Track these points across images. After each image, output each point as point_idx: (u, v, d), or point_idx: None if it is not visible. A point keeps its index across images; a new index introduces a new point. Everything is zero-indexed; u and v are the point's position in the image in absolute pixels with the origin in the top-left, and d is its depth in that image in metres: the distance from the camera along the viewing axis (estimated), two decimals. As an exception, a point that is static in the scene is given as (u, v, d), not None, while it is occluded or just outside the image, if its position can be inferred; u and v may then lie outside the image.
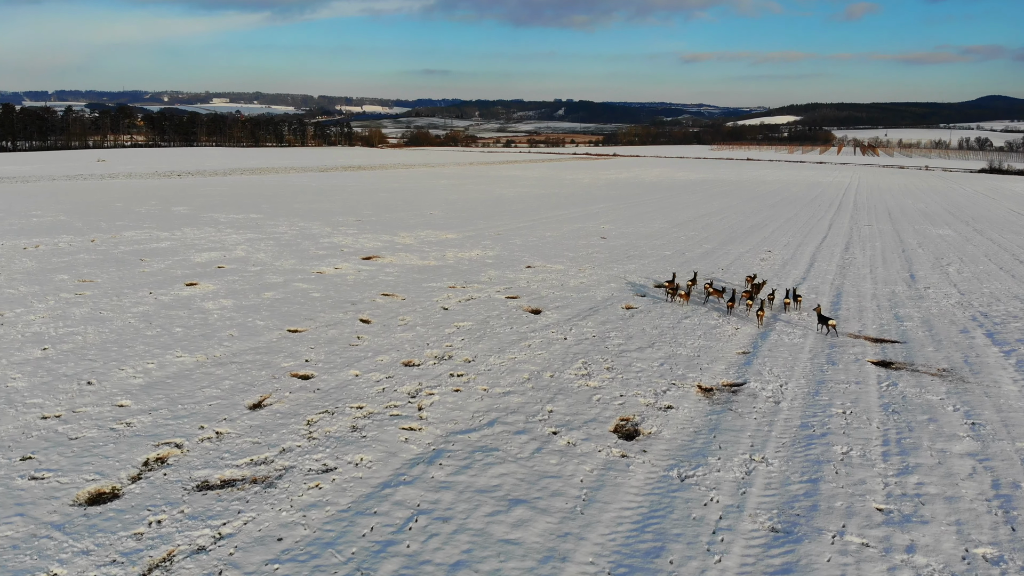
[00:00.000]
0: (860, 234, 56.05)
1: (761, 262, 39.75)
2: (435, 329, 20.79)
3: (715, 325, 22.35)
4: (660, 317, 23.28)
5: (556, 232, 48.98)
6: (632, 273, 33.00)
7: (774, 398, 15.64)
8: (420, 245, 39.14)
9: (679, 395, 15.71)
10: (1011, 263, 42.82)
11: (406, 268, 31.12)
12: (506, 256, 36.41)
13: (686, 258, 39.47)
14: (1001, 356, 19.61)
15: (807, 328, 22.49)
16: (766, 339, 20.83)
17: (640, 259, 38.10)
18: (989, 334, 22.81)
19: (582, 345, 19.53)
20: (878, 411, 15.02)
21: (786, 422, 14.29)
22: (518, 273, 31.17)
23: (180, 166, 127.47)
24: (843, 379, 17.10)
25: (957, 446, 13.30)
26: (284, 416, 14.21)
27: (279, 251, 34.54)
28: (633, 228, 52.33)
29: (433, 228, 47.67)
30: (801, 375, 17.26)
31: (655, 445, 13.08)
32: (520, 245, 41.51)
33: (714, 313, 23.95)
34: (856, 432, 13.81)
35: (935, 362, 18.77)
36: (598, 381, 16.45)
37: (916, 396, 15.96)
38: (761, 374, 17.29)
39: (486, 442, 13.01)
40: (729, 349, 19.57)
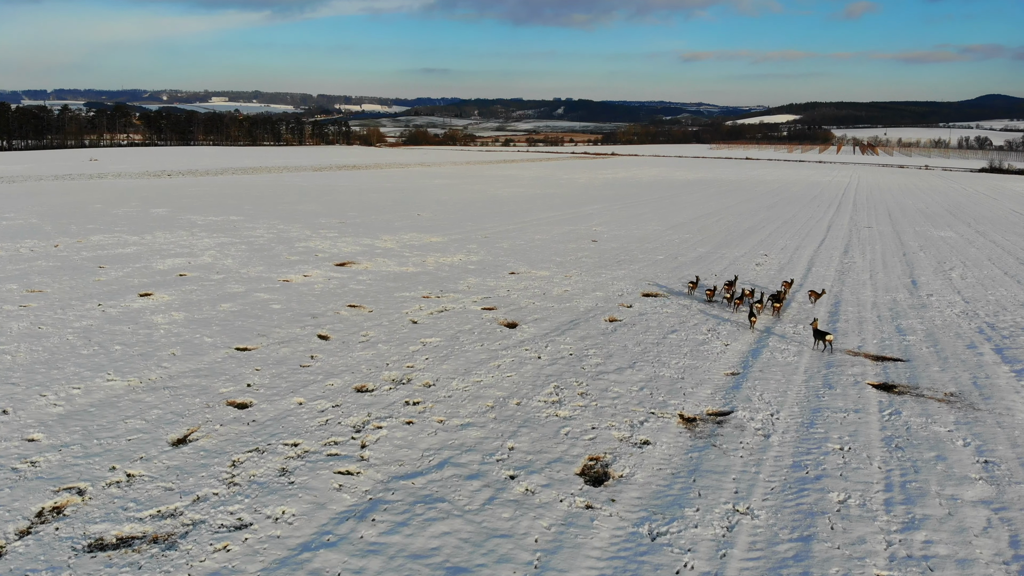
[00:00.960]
0: (860, 236, 54.38)
1: (757, 267, 38.13)
2: (398, 346, 19.08)
3: (703, 341, 20.65)
4: (645, 331, 21.58)
5: (546, 235, 47.32)
6: (620, 280, 31.33)
7: (764, 430, 13.94)
8: (401, 249, 37.45)
9: (658, 427, 14.01)
10: (1015, 267, 41.15)
11: (381, 275, 29.42)
12: (490, 261, 34.73)
13: (679, 262, 37.81)
14: (1013, 377, 17.92)
15: (802, 344, 20.80)
16: (758, 357, 19.13)
17: (631, 264, 36.44)
18: (998, 350, 21.13)
19: (557, 365, 17.83)
20: (880, 447, 13.32)
21: (776, 461, 12.59)
22: (500, 280, 29.49)
23: (172, 166, 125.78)
24: (841, 406, 15.40)
25: (969, 491, 11.60)
26: (208, 455, 12.52)
27: (249, 257, 32.83)
28: (626, 230, 50.66)
29: (419, 231, 45.99)
30: (795, 401, 15.56)
31: (626, 492, 11.38)
32: (507, 249, 39.85)
33: (703, 327, 22.24)
34: (855, 474, 12.11)
35: (941, 385, 17.07)
36: (569, 410, 14.75)
37: (922, 427, 14.26)
38: (751, 400, 15.58)
39: (432, 490, 11.31)
40: (717, 370, 17.87)
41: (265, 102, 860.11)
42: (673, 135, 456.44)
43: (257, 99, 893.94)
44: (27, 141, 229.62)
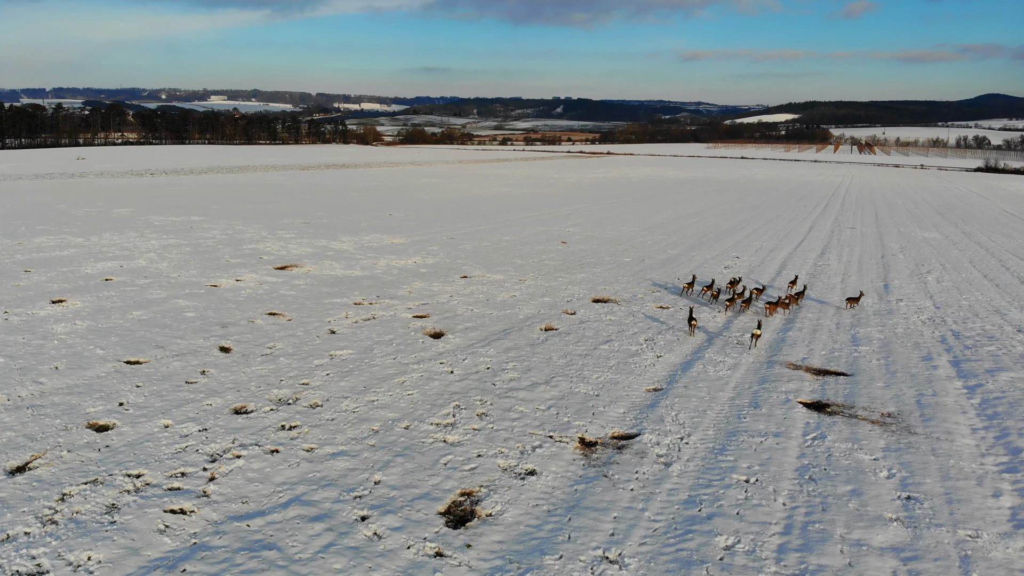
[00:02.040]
0: (841, 237, 53.01)
1: (725, 270, 36.80)
2: (302, 360, 17.70)
3: (635, 352, 19.26)
4: (577, 341, 20.21)
5: (516, 236, 45.97)
6: (577, 284, 30.00)
7: (667, 457, 12.56)
8: (356, 251, 36.10)
9: (551, 453, 12.63)
10: (996, 270, 39.78)
11: (319, 280, 28.06)
12: (445, 264, 33.39)
13: (645, 265, 36.47)
14: (963, 394, 16.54)
15: (742, 354, 19.41)
16: (688, 370, 17.76)
17: (594, 267, 35.10)
18: (955, 362, 19.76)
19: (467, 381, 16.45)
20: (791, 478, 11.94)
21: (669, 495, 11.21)
22: (447, 285, 28.13)
23: (159, 164, 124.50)
24: (761, 429, 14.01)
25: (880, 535, 10.21)
26: (40, 486, 11.15)
27: (188, 259, 31.47)
28: (600, 231, 49.30)
29: (384, 232, 44.64)
30: (712, 423, 14.17)
31: (487, 535, 9.99)
32: (469, 251, 38.51)
33: (640, 337, 20.87)
34: (753, 512, 10.72)
35: (881, 403, 15.68)
36: (460, 434, 13.37)
37: (845, 455, 12.87)
38: (663, 421, 14.20)
39: (266, 534, 9.93)
40: (639, 385, 16.49)
41: (264, 101, 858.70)
42: (671, 134, 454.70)
43: (256, 98, 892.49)
44: (20, 140, 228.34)
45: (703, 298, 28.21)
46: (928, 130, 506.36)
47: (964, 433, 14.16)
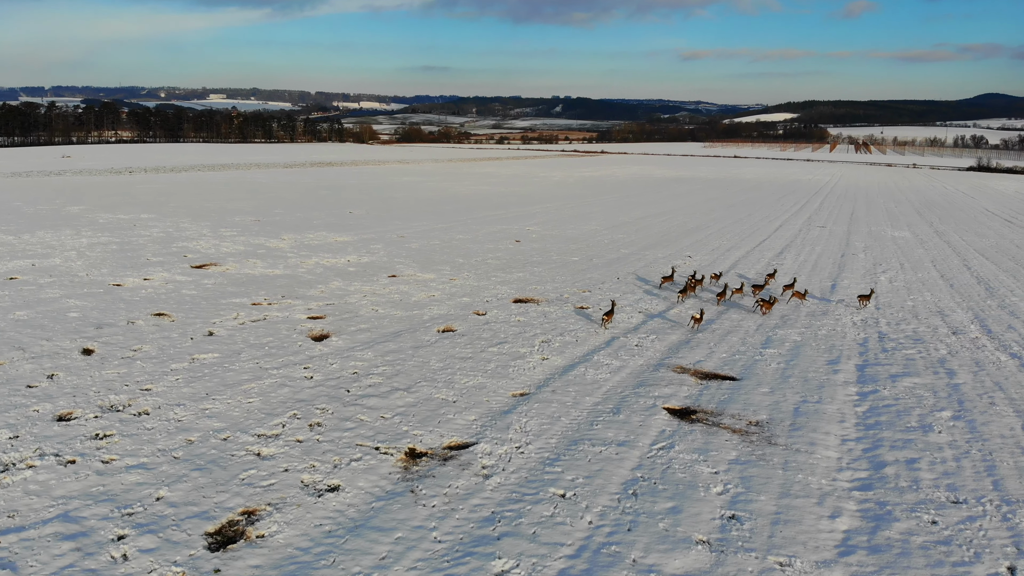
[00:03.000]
0: (807, 236, 52.10)
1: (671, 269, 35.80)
2: (160, 364, 16.86)
3: (522, 355, 18.42)
4: (468, 344, 19.36)
5: (471, 234, 45.13)
6: (507, 284, 29.20)
7: (491, 469, 11.71)
8: (290, 249, 35.29)
9: (367, 467, 11.77)
10: (956, 270, 38.89)
11: (231, 279, 27.22)
12: (378, 263, 32.56)
13: (591, 264, 35.64)
14: (852, 401, 15.67)
15: (634, 356, 18.53)
16: (567, 373, 16.94)
17: (536, 267, 34.27)
18: (863, 366, 18.89)
19: (321, 388, 15.60)
20: (614, 493, 11.07)
21: (471, 512, 10.35)
22: (367, 285, 27.29)
23: (144, 162, 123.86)
24: (609, 437, 13.14)
25: (677, 561, 9.35)
26: None
27: (106, 258, 30.66)
28: (560, 230, 48.41)
29: (333, 229, 43.81)
30: (560, 431, 13.31)
31: (245, 559, 9.15)
32: (414, 249, 37.71)
33: (538, 339, 20.02)
34: (551, 532, 9.86)
35: (754, 411, 14.79)
36: (279, 447, 12.51)
37: (684, 468, 11.99)
38: (509, 429, 13.34)
39: (10, 552, 9.22)
40: (506, 390, 15.64)
41: (263, 99, 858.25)
42: (669, 133, 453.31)
43: (255, 96, 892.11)
44: (13, 138, 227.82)
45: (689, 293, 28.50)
46: (926, 129, 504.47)
47: (830, 444, 13.28)
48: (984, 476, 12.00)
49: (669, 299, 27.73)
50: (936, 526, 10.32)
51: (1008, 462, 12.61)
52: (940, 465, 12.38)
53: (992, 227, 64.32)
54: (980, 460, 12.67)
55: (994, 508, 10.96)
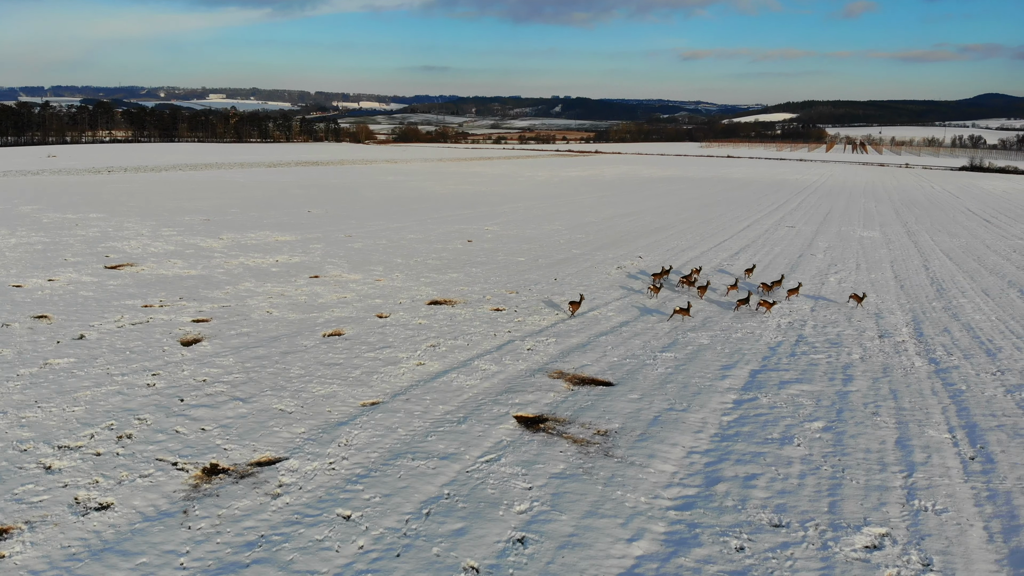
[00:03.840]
0: (772, 236, 51.18)
1: (617, 270, 35.00)
2: (8, 369, 16.16)
3: (394, 361, 17.52)
4: (349, 349, 18.50)
5: (424, 234, 44.28)
6: (432, 285, 28.44)
7: (287, 488, 10.85)
8: (221, 250, 34.49)
9: (153, 484, 10.92)
10: (913, 270, 38.05)
11: (139, 280, 26.40)
12: (306, 264, 31.72)
13: (535, 265, 34.85)
14: (720, 410, 14.78)
15: (519, 361, 17.63)
16: (434, 380, 16.08)
17: (476, 266, 33.49)
18: (756, 372, 17.99)
19: (158, 396, 14.75)
20: (405, 513, 10.18)
21: (234, 537, 9.52)
22: (278, 286, 26.44)
23: (128, 162, 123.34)
24: (438, 450, 12.24)
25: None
26: None
27: (22, 258, 29.89)
28: (520, 230, 47.54)
29: (279, 229, 42.97)
30: (389, 444, 12.43)
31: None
32: (354, 249, 36.89)
33: (424, 345, 19.15)
34: (306, 561, 9.05)
35: (610, 419, 13.88)
36: (72, 460, 11.69)
37: (499, 483, 11.11)
38: (333, 443, 12.46)
39: None
40: (358, 398, 14.75)
41: (263, 99, 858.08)
42: (666, 133, 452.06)
43: (255, 96, 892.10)
44: (7, 138, 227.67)
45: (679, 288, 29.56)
46: (924, 129, 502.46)
47: (672, 457, 12.36)
48: (823, 496, 11.07)
49: (599, 299, 26.91)
50: (741, 553, 9.40)
51: (858, 480, 11.69)
52: (780, 483, 11.46)
53: (968, 227, 63.36)
54: (828, 478, 11.74)
55: (816, 534, 10.04)
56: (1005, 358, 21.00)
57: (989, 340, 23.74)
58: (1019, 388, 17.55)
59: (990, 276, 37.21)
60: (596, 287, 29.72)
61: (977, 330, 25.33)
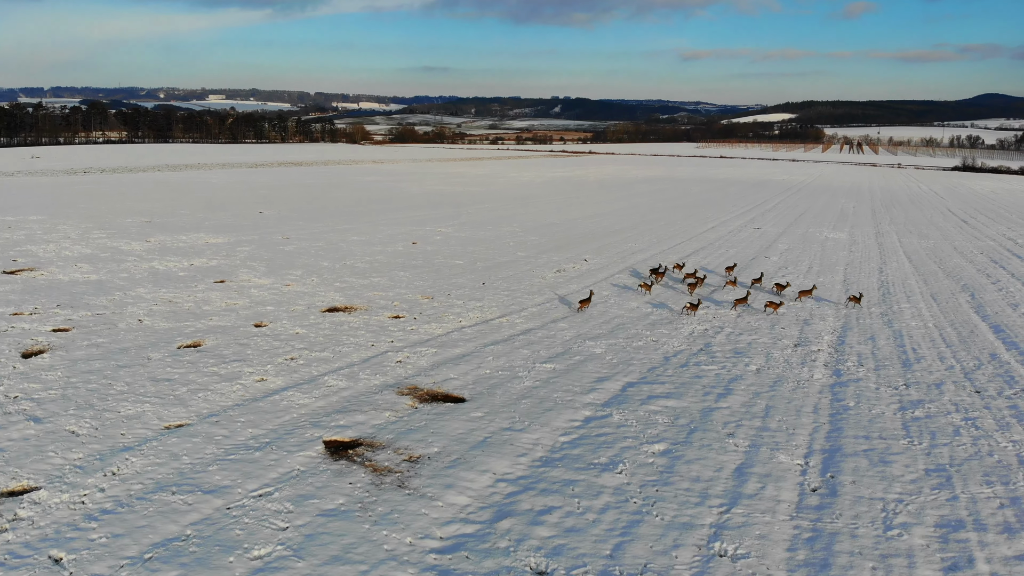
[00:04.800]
0: (735, 238, 49.91)
1: (555, 273, 33.83)
2: None
3: (244, 375, 16.24)
4: (196, 362, 17.31)
5: (368, 236, 43.10)
6: (349, 288, 27.54)
7: (20, 523, 9.64)
8: (140, 253, 33.37)
9: None
10: (866, 274, 37.03)
11: (25, 286, 25.37)
12: (219, 268, 30.54)
13: (474, 268, 33.88)
14: (563, 429, 13.52)
15: (378, 375, 16.35)
16: (266, 398, 14.72)
17: (407, 270, 32.48)
18: (631, 384, 16.76)
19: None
20: (124, 559, 8.84)
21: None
22: (172, 292, 25.27)
23: (109, 163, 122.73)
24: (212, 483, 10.99)
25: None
26: None
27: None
28: (474, 232, 46.34)
29: (216, 232, 41.79)
30: (164, 475, 11.24)
31: None
32: (283, 252, 35.76)
33: (285, 357, 17.85)
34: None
35: (431, 442, 12.60)
36: None
37: (255, 522, 9.85)
38: (98, 473, 11.18)
39: None
40: (167, 419, 13.50)
41: (262, 100, 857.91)
42: (664, 133, 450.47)
43: (255, 97, 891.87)
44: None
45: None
46: (923, 130, 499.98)
47: (473, 488, 11.08)
48: (613, 536, 9.77)
49: (517, 304, 25.68)
50: (479, 609, 8.08)
51: (664, 516, 10.37)
52: (573, 518, 10.15)
53: (943, 228, 62.04)
54: (630, 513, 10.44)
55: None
56: (920, 369, 19.71)
57: (914, 349, 22.46)
58: (917, 404, 16.25)
59: (945, 279, 35.92)
60: (523, 291, 28.52)
61: (906, 338, 24.05)
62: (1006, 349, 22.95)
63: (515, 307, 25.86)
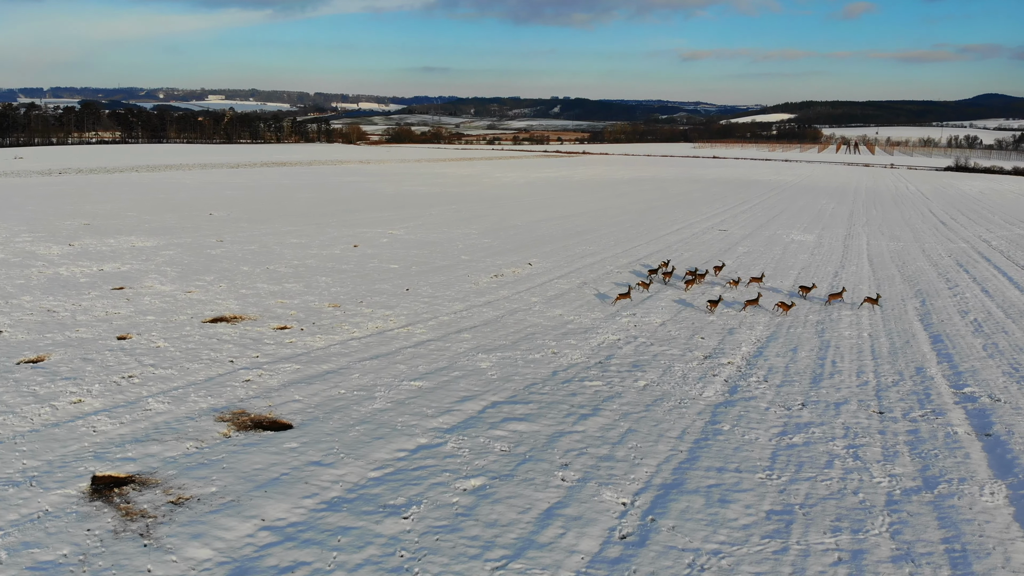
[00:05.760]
0: (696, 240, 48.47)
1: (492, 278, 32.44)
2: None
3: (58, 396, 14.65)
4: (23, 382, 15.80)
5: (309, 239, 41.80)
6: (253, 296, 26.17)
7: None
8: (55, 257, 32.25)
9: None
10: (820, 279, 35.59)
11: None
12: (128, 273, 29.23)
13: (408, 272, 32.98)
14: (376, 464, 12.04)
15: (218, 396, 14.83)
16: (63, 425, 13.19)
17: (330, 275, 31.16)
18: (492, 405, 15.20)
19: None
20: None
21: None
22: (59, 300, 23.95)
23: (90, 163, 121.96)
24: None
25: None
26: None
27: None
28: (425, 234, 44.98)
29: (151, 235, 40.47)
30: None
31: None
32: (208, 256, 34.44)
33: (126, 374, 16.36)
34: None
35: (216, 479, 11.09)
36: None
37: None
38: None
39: None
40: None
41: (262, 100, 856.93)
42: (661, 134, 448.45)
43: (254, 97, 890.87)
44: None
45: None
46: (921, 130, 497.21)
47: (227, 538, 9.55)
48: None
49: (427, 313, 24.18)
50: None
51: (435, 568, 8.80)
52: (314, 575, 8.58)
53: (918, 229, 60.54)
54: (390, 570, 8.89)
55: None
56: (829, 386, 18.18)
57: (834, 362, 20.98)
58: (802, 428, 14.71)
59: (901, 284, 34.43)
60: (446, 298, 27.16)
61: (832, 349, 22.56)
62: (937, 362, 21.44)
63: (426, 316, 24.40)
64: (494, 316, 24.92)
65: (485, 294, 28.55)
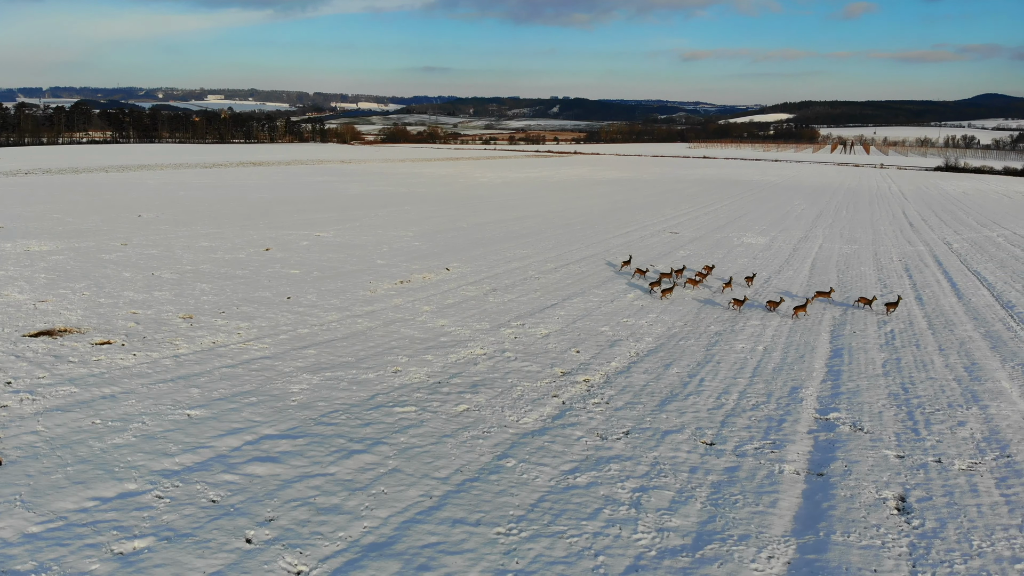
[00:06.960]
0: (642, 243, 46.78)
1: (397, 284, 30.78)
2: None
3: None
4: None
5: (222, 241, 40.43)
6: (112, 306, 24.64)
7: None
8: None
9: None
10: (757, 281, 33.78)
11: None
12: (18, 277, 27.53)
13: (307, 279, 31.47)
14: (43, 519, 10.00)
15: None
16: None
17: (218, 280, 29.58)
18: (272, 437, 13.25)
19: None
20: None
21: None
22: None
23: (61, 164, 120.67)
24: None
25: None
26: None
27: None
28: (353, 238, 43.37)
29: (57, 237, 38.83)
30: None
31: None
32: (98, 260, 33.20)
33: None
34: None
35: None
36: None
37: None
38: None
39: None
40: None
41: (261, 100, 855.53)
42: (659, 134, 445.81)
43: (253, 97, 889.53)
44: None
45: None
46: (920, 130, 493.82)
47: None
48: None
49: (286, 327, 22.34)
50: None
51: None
52: None
53: (881, 231, 58.67)
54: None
55: None
56: (673, 410, 16.29)
57: (701, 381, 19.31)
58: (601, 464, 12.80)
59: (837, 292, 32.55)
60: (325, 308, 25.81)
61: (708, 366, 20.89)
62: (821, 381, 19.56)
63: (285, 328, 22.60)
64: (365, 328, 23.12)
65: (374, 303, 26.75)
